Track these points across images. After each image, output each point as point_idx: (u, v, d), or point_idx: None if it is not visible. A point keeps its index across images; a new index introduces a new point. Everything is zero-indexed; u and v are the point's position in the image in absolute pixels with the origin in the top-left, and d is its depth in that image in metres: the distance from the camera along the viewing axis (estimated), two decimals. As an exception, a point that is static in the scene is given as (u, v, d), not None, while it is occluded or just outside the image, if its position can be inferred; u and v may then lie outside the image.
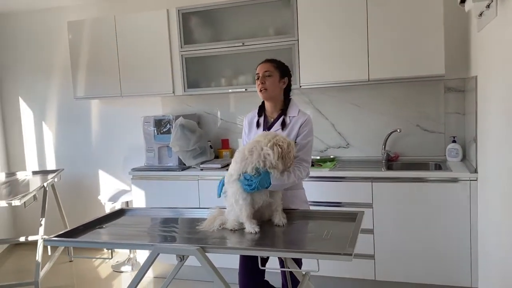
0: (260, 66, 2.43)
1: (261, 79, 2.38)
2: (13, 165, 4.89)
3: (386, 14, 3.23)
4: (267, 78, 2.37)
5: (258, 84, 2.41)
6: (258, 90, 2.42)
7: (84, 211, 4.57)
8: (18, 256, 4.63)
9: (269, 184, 2.08)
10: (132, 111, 4.38)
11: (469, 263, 2.99)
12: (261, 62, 2.46)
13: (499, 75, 2.22)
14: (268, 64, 2.41)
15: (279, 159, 2.03)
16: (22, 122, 4.83)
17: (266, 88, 2.37)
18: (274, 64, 2.42)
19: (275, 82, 2.38)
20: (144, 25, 3.88)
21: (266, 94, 2.40)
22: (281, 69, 2.43)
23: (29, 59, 4.71)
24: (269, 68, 2.39)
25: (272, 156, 2.03)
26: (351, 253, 1.65)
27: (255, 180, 2.05)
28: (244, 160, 2.10)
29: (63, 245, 2.23)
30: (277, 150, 2.03)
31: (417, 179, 3.06)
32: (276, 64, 2.43)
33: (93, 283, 3.88)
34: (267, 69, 2.39)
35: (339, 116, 3.82)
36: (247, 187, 2.06)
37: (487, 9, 2.33)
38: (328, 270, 3.24)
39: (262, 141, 2.08)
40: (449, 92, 3.52)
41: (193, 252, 1.81)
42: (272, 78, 2.38)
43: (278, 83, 2.40)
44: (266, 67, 2.40)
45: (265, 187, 2.08)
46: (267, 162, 2.04)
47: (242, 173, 2.09)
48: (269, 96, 2.41)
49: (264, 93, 2.39)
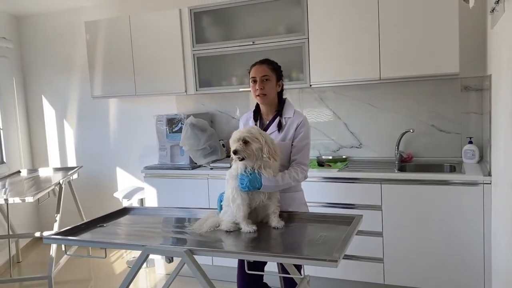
0: (256, 68, 2.33)
1: (259, 84, 2.29)
2: (37, 162, 5.06)
3: (398, 10, 3.12)
4: (265, 82, 2.29)
5: (255, 89, 2.31)
6: (254, 94, 2.33)
7: (101, 208, 4.64)
8: (40, 250, 4.79)
9: (260, 184, 2.06)
10: (147, 109, 4.44)
11: (482, 269, 2.86)
12: (256, 64, 2.35)
13: (507, 74, 2.11)
14: (265, 67, 2.32)
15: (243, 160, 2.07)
16: (45, 119, 4.99)
17: (265, 93, 2.30)
18: (271, 67, 2.34)
19: (273, 86, 2.32)
20: (157, 24, 3.92)
21: (266, 99, 2.32)
22: (277, 72, 2.36)
23: (50, 60, 4.85)
24: (267, 72, 2.31)
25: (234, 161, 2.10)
26: (337, 259, 1.60)
27: (246, 180, 2.04)
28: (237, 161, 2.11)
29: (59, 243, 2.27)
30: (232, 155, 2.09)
31: (428, 181, 2.96)
32: (272, 66, 2.35)
33: (107, 279, 3.97)
34: (265, 73, 2.30)
35: (352, 116, 3.74)
36: (240, 185, 2.07)
37: (496, 4, 2.22)
38: (336, 272, 3.18)
39: None
40: (466, 91, 3.38)
41: (181, 254, 1.81)
42: (270, 82, 2.31)
43: (275, 87, 2.34)
44: (264, 71, 2.31)
45: (257, 187, 2.06)
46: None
47: (238, 172, 2.10)
48: (268, 101, 2.34)
49: (264, 98, 2.31)
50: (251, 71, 2.35)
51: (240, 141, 2.05)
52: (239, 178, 2.09)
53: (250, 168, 2.06)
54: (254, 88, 2.33)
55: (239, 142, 2.05)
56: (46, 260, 4.33)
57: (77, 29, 4.61)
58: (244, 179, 2.06)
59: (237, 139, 2.06)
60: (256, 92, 2.32)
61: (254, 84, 2.32)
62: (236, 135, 2.08)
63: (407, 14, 3.10)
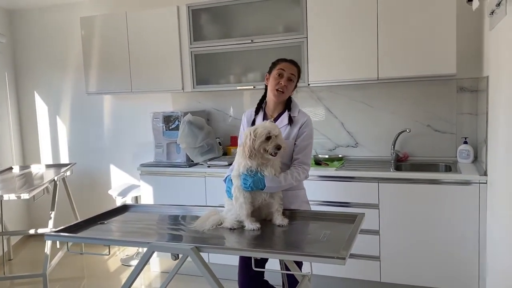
0: (287, 65, 2.32)
1: (285, 81, 2.28)
2: (28, 159, 4.99)
3: (397, 11, 3.16)
4: (289, 82, 2.30)
5: (277, 82, 2.28)
6: (274, 87, 2.29)
7: (95, 205, 4.63)
8: (31, 248, 4.73)
9: (264, 185, 2.07)
10: (143, 107, 4.41)
11: (477, 267, 2.92)
12: (287, 60, 2.34)
13: (509, 76, 2.15)
14: (294, 68, 2.33)
15: (248, 159, 2.04)
16: (37, 116, 4.92)
17: (284, 91, 2.29)
18: (298, 70, 2.36)
19: (292, 88, 2.34)
20: (155, 21, 3.90)
21: (282, 97, 2.32)
22: (299, 77, 2.38)
23: (44, 55, 4.79)
24: (295, 73, 2.32)
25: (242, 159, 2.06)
26: (345, 257, 1.62)
27: (249, 180, 2.05)
28: (239, 159, 2.11)
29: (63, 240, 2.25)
30: (241, 149, 2.05)
31: (425, 180, 3.00)
32: (299, 70, 2.37)
33: (101, 277, 3.94)
34: (293, 73, 2.31)
35: (348, 115, 3.77)
36: (243, 185, 2.07)
37: (497, 7, 2.26)
38: (333, 270, 3.21)
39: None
40: (461, 92, 3.43)
41: (188, 252, 1.81)
42: (292, 84, 2.33)
43: (292, 90, 2.37)
44: (293, 70, 2.31)
45: (260, 188, 2.07)
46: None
47: (241, 172, 2.10)
48: (283, 99, 2.35)
49: (281, 95, 2.31)
50: (280, 64, 2.32)
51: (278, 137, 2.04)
52: (242, 178, 2.09)
53: (255, 168, 2.06)
54: (277, 81, 2.29)
55: (277, 137, 2.03)
56: (37, 258, 4.31)
57: (72, 24, 4.56)
58: (248, 179, 2.06)
59: (275, 135, 2.03)
60: (277, 86, 2.29)
61: (278, 77, 2.29)
62: (275, 131, 2.04)
63: (406, 16, 3.14)
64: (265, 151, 2.02)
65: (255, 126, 2.07)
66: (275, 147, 2.01)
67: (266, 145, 2.01)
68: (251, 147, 2.01)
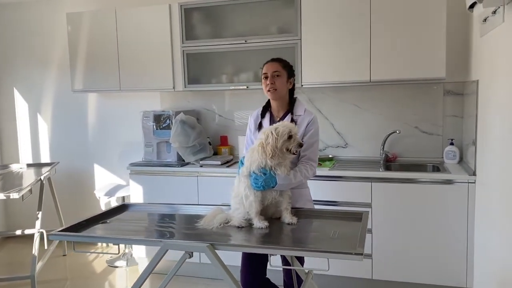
0: (268, 65, 2.41)
1: (270, 79, 2.36)
2: (6, 158, 4.83)
3: (390, 15, 3.25)
4: (276, 78, 2.36)
5: (266, 84, 2.38)
6: (265, 90, 2.40)
7: (79, 205, 4.54)
8: (9, 250, 4.57)
9: (275, 184, 2.09)
10: (129, 105, 4.35)
11: (465, 263, 3.04)
12: (268, 61, 2.44)
13: (504, 81, 2.26)
14: (277, 64, 2.40)
15: (267, 157, 2.05)
16: (16, 113, 4.77)
17: (275, 88, 2.36)
18: (282, 64, 2.42)
19: (283, 82, 2.39)
20: (145, 19, 3.86)
21: (276, 94, 2.39)
22: (288, 69, 2.43)
23: (26, 50, 4.64)
24: (278, 68, 2.38)
25: (257, 156, 2.07)
26: (362, 252, 1.68)
27: (261, 180, 2.07)
28: (250, 158, 2.12)
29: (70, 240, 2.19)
30: (260, 148, 2.06)
31: (416, 180, 3.10)
32: (283, 63, 2.43)
33: (87, 278, 3.86)
34: (276, 69, 2.38)
35: (338, 116, 3.84)
36: (254, 185, 2.09)
37: (493, 15, 2.37)
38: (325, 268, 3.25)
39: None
40: (448, 95, 3.56)
41: (203, 249, 1.81)
42: (281, 78, 2.38)
43: (286, 83, 2.41)
44: (275, 67, 2.39)
45: (271, 186, 2.10)
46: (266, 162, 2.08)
47: (252, 171, 2.11)
48: (279, 96, 2.40)
49: (274, 93, 2.38)
50: (263, 68, 2.42)
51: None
52: (253, 178, 2.10)
53: (269, 167, 2.08)
54: (265, 84, 2.39)
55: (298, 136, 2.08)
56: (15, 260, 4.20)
57: (55, 20, 4.44)
58: (259, 179, 2.08)
59: (296, 133, 2.09)
60: (267, 87, 2.38)
61: (265, 80, 2.39)
62: (295, 129, 2.10)
63: (398, 20, 3.23)
64: (287, 150, 2.06)
65: (274, 126, 2.10)
66: (298, 145, 2.07)
67: (288, 144, 2.05)
68: (273, 146, 2.03)
